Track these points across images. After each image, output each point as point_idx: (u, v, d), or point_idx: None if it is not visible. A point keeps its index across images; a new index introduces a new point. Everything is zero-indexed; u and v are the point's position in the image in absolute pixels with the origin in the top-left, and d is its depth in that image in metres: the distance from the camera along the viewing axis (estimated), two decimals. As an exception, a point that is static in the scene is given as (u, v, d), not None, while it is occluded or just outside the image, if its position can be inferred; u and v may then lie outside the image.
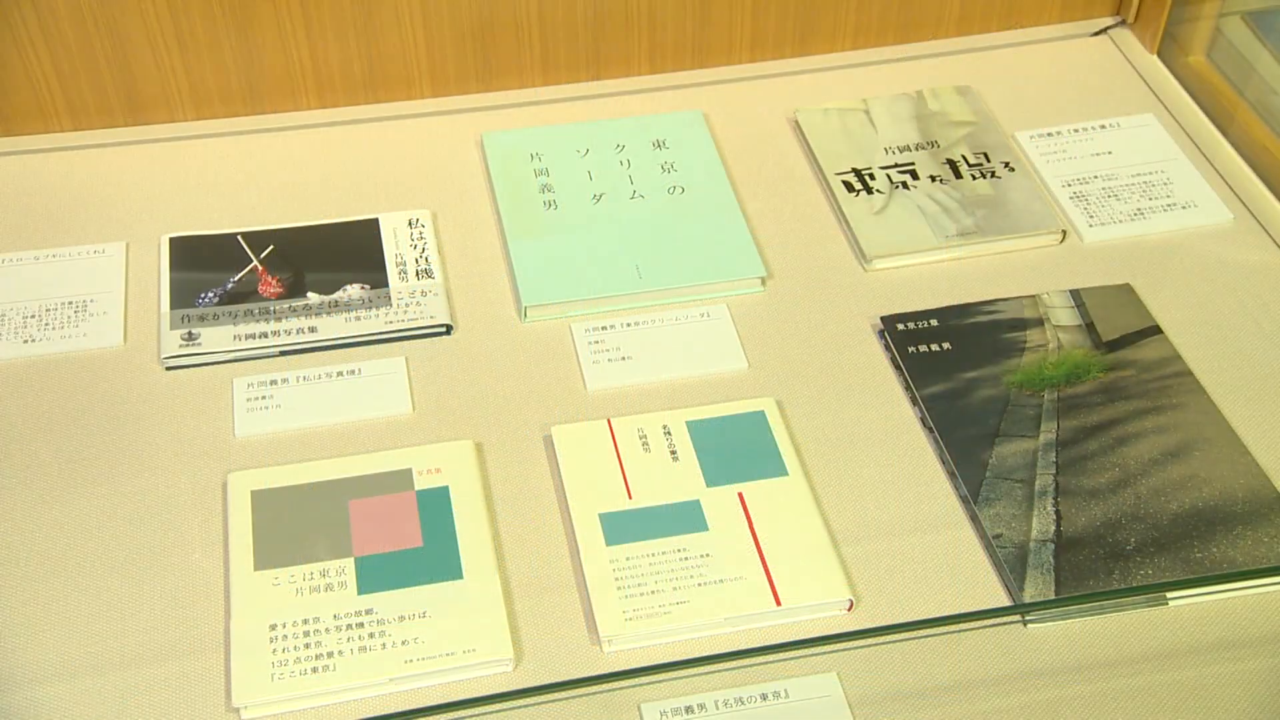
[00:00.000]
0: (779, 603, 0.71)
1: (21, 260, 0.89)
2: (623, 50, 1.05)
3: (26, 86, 0.94)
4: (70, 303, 0.87)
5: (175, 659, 0.70)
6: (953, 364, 0.84)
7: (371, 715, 0.67)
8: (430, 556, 0.74)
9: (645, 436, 0.80)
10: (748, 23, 1.05)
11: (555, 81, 1.05)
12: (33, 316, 0.85)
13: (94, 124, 0.98)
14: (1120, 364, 0.84)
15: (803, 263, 0.93)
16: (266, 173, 0.97)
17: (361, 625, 0.71)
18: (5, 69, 0.93)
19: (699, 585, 0.72)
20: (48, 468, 0.78)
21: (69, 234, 0.91)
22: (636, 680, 0.67)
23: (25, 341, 0.84)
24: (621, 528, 0.75)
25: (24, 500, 0.76)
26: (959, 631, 0.69)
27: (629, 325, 0.88)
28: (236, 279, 0.89)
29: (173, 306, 0.87)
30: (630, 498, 0.77)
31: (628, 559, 0.74)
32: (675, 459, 0.79)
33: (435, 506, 0.77)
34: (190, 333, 0.86)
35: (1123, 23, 1.11)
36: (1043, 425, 0.80)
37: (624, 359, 0.86)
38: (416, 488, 0.78)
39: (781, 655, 0.67)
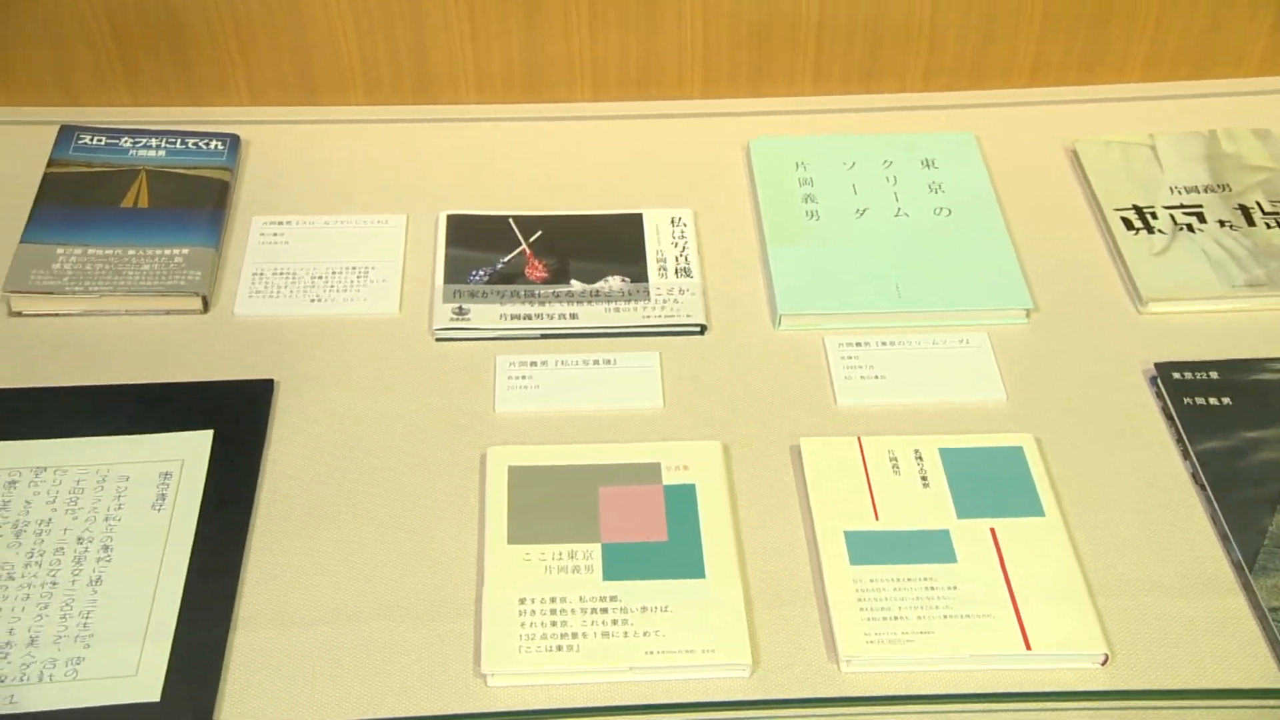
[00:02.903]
0: (1029, 646, 0.69)
1: (313, 224, 0.95)
2: (898, 65, 1.04)
3: (331, 60, 1.00)
4: (354, 268, 0.92)
5: (429, 619, 0.73)
6: (1233, 420, 0.80)
7: (609, 701, 0.69)
8: (674, 552, 0.76)
9: (896, 459, 0.79)
10: (1032, 46, 1.02)
11: (826, 91, 1.05)
12: (320, 278, 0.91)
13: (386, 100, 1.03)
14: None
15: (1071, 298, 0.90)
16: (539, 159, 1.01)
17: (605, 611, 0.73)
18: (314, 42, 0.99)
19: (944, 617, 0.71)
20: (321, 422, 0.83)
21: (356, 203, 0.96)
22: (879, 707, 0.66)
23: (312, 301, 0.89)
24: (867, 548, 0.75)
25: (299, 449, 0.81)
26: (1225, 707, 0.65)
27: (884, 344, 0.88)
28: (506, 260, 0.93)
29: (446, 281, 0.91)
30: (877, 519, 0.76)
31: (871, 581, 0.73)
32: (926, 485, 0.78)
33: (682, 503, 0.78)
34: (461, 307, 0.90)
35: None
36: (1331, 497, 0.75)
37: (877, 377, 0.86)
38: (664, 482, 0.79)
39: (1034, 705, 0.65)
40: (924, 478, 0.78)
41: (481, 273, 0.92)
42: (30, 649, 0.69)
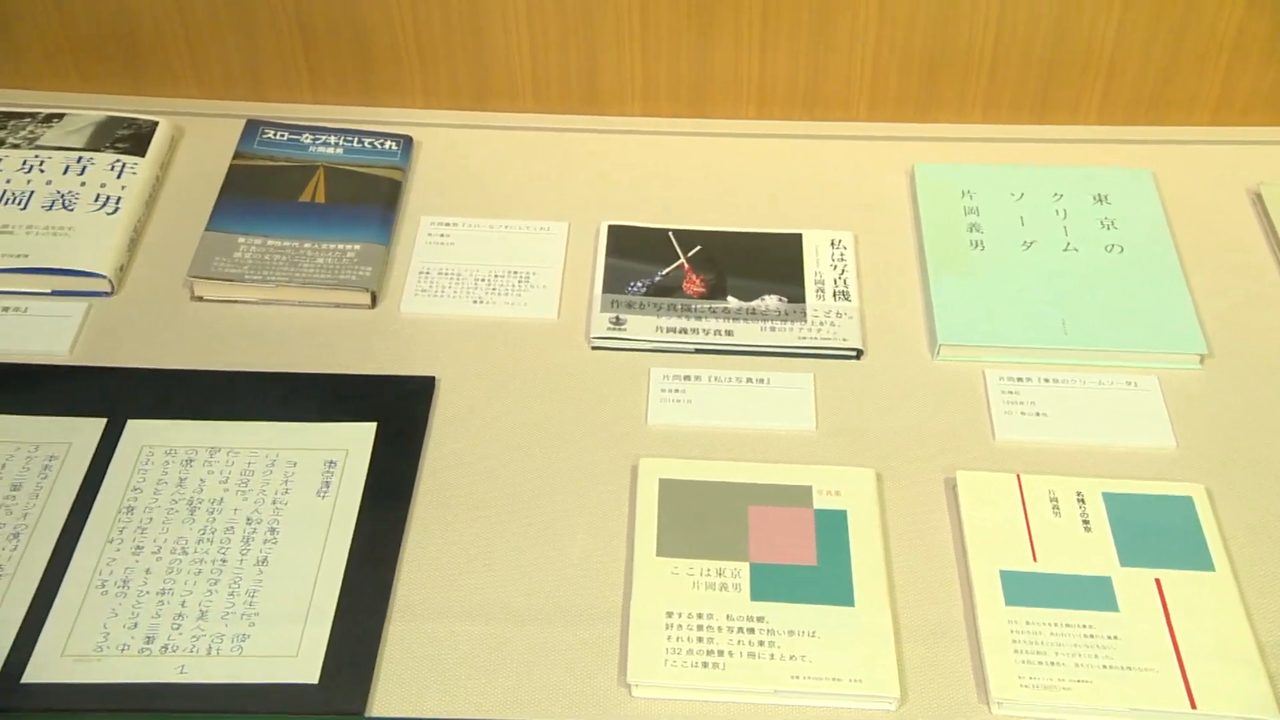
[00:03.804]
0: (1194, 705, 0.67)
1: (478, 227, 0.97)
2: (1073, 96, 1.01)
3: (504, 67, 1.02)
4: (515, 273, 0.93)
5: (576, 623, 0.74)
6: None
7: (753, 721, 0.68)
8: (824, 577, 0.75)
9: (1056, 500, 0.77)
10: (1217, 84, 0.99)
11: (995, 120, 1.03)
12: (483, 280, 0.93)
13: (553, 108, 1.05)
14: None
15: (1249, 345, 0.86)
16: (701, 174, 1.01)
17: (752, 631, 0.73)
18: (489, 50, 1.01)
19: (1104, 667, 0.69)
20: (479, 421, 0.84)
21: (521, 208, 0.98)
22: (1033, 752, 0.65)
23: (474, 302, 0.91)
24: (1023, 589, 0.73)
25: (457, 446, 0.83)
26: None
27: (1048, 381, 0.85)
28: (664, 273, 0.93)
29: (605, 290, 0.92)
30: (1035, 560, 0.75)
31: (1028, 623, 0.71)
32: (1087, 529, 0.76)
33: (832, 528, 0.77)
34: (618, 317, 0.90)
35: None
36: None
37: (1038, 414, 0.84)
38: (815, 506, 0.79)
39: (1200, 764, 0.63)
40: (1086, 521, 0.76)
41: (640, 284, 0.92)
42: (200, 622, 0.71)
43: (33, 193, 0.92)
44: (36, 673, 0.68)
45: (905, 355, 0.89)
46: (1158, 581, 0.73)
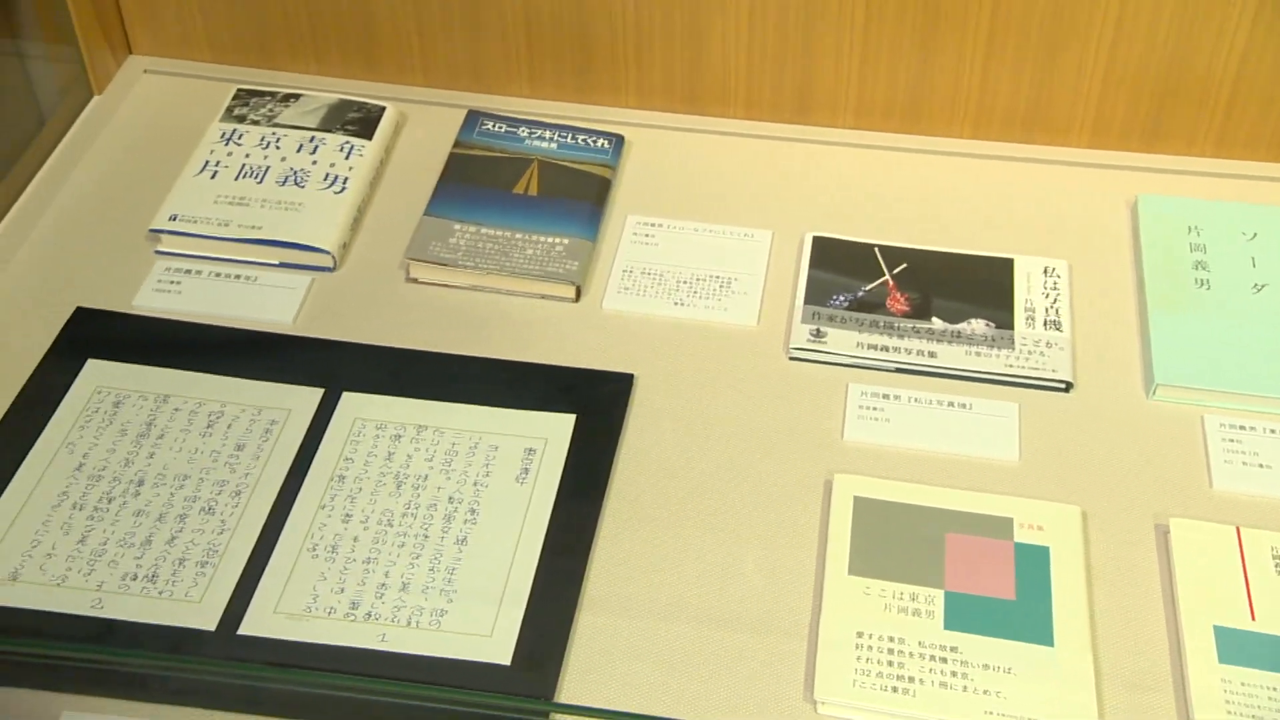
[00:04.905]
0: None
1: (683, 229, 0.97)
2: (1317, 134, 0.96)
3: (719, 71, 1.02)
4: (717, 277, 0.93)
5: (762, 633, 0.73)
6: None
7: (941, 752, 0.67)
8: (1022, 613, 0.73)
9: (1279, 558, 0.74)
10: None
11: (1229, 155, 0.98)
12: (684, 282, 0.93)
13: (763, 116, 1.05)
14: None
15: None
16: (910, 192, 1.00)
17: (945, 661, 0.71)
18: (706, 55, 1.02)
19: (1327, 741, 0.65)
20: (674, 421, 0.84)
21: (725, 213, 0.98)
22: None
23: (675, 304, 0.92)
24: (1239, 648, 0.69)
25: (652, 444, 0.83)
26: None
27: (1273, 431, 0.81)
28: (868, 288, 0.92)
29: (806, 301, 0.91)
30: (1253, 619, 0.71)
31: (1243, 684, 0.68)
32: (1313, 592, 0.72)
33: (1033, 564, 0.75)
34: (818, 330, 0.90)
35: None
36: None
37: (1261, 466, 0.79)
38: (1015, 539, 0.77)
39: None
40: (1311, 584, 0.72)
41: (842, 298, 0.91)
42: (402, 594, 0.74)
43: (269, 168, 0.97)
44: (252, 626, 0.72)
45: (1117, 392, 0.85)
46: (1391, 656, 0.68)
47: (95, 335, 0.87)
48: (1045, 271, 0.93)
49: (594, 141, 1.02)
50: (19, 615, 0.72)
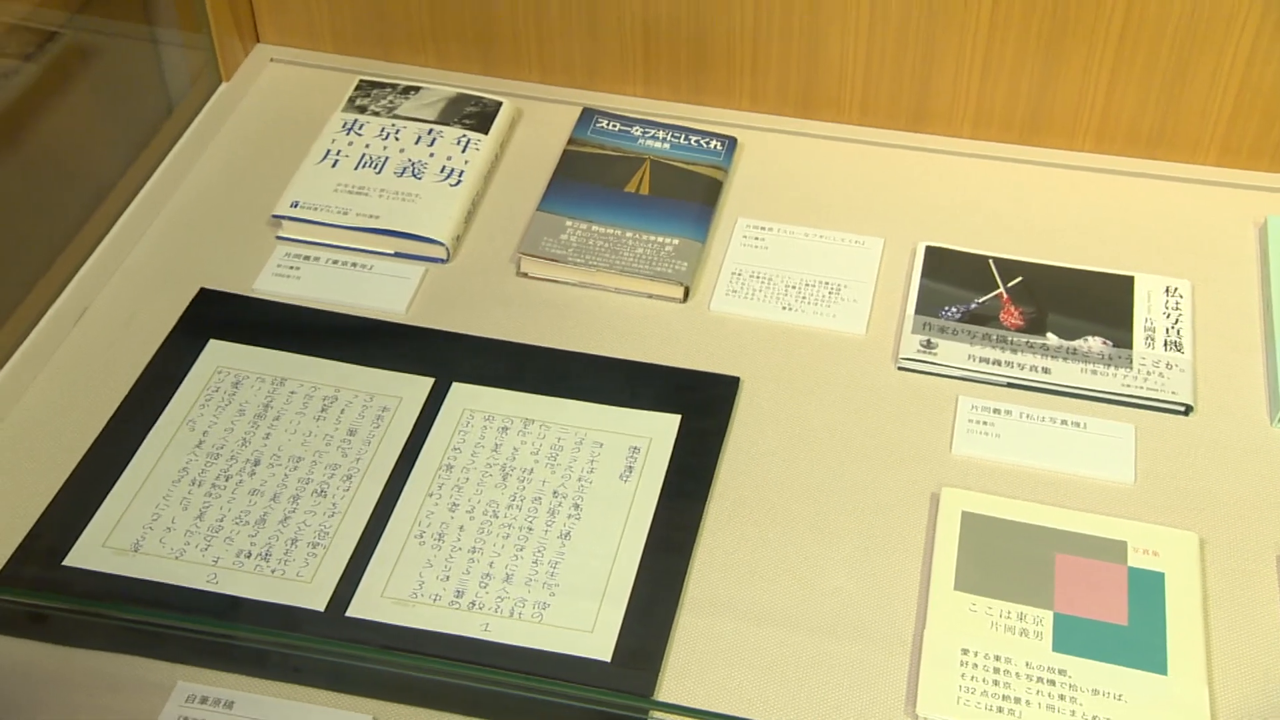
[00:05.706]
0: None
1: (793, 234, 0.97)
2: None
3: (836, 76, 1.02)
4: (826, 283, 0.93)
5: (864, 644, 0.73)
6: None
7: (1045, 777, 0.65)
8: (1134, 639, 0.71)
9: None
10: None
11: (1367, 177, 0.95)
12: (793, 287, 0.93)
13: (878, 123, 1.03)
14: None
15: None
16: (1028, 204, 0.98)
17: (1053, 684, 0.69)
18: (823, 61, 1.01)
19: None
20: (779, 426, 0.84)
21: (836, 219, 0.97)
22: None
23: (783, 308, 0.91)
24: (1365, 690, 0.67)
25: (756, 449, 0.83)
26: None
27: (1406, 467, 0.78)
28: (981, 301, 0.91)
29: (917, 311, 0.90)
30: (1380, 660, 0.68)
31: (1368, 727, 0.66)
32: None
33: (1147, 590, 0.73)
34: (929, 341, 0.88)
35: None
36: None
37: (1392, 502, 0.77)
38: (1129, 564, 0.75)
39: None
40: None
41: (954, 309, 0.90)
42: (505, 585, 0.74)
43: (387, 159, 0.98)
44: (360, 609, 0.73)
45: (1240, 418, 0.83)
46: None
47: (217, 316, 0.90)
48: (1167, 291, 0.90)
49: (707, 143, 1.02)
50: (139, 586, 0.74)
